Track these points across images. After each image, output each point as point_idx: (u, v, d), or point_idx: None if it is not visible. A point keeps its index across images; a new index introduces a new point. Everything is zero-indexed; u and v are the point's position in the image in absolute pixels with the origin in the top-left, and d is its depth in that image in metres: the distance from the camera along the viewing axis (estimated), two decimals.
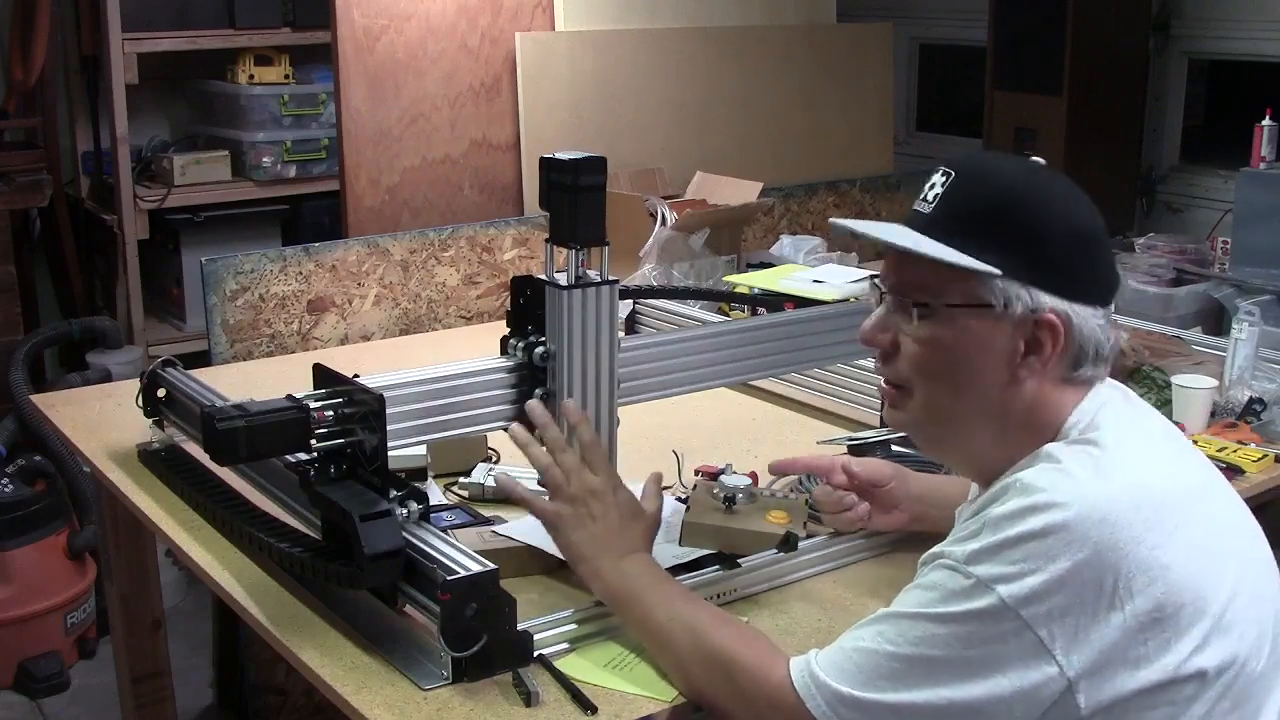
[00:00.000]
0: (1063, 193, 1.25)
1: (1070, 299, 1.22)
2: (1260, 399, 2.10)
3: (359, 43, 2.82)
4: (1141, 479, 1.17)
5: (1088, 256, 1.24)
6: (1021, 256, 1.21)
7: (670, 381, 1.76)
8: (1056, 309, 1.21)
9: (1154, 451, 1.24)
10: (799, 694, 1.21)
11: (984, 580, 1.13)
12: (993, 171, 1.26)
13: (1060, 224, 1.22)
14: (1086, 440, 1.21)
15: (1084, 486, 1.14)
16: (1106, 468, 1.17)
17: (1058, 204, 1.23)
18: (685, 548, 1.63)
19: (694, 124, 3.33)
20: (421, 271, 2.82)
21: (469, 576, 1.34)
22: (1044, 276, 1.21)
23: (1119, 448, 1.20)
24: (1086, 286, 1.23)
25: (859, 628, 1.22)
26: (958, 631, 1.13)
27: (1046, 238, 1.22)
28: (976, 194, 1.24)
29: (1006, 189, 1.23)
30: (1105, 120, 3.66)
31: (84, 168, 3.90)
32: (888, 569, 1.65)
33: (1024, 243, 1.21)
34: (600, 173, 1.56)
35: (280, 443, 1.49)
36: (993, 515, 1.16)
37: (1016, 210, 1.22)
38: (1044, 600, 1.11)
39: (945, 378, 1.27)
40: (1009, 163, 1.27)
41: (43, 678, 3.11)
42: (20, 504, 3.10)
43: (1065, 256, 1.22)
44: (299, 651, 1.43)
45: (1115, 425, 1.23)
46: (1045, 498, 1.14)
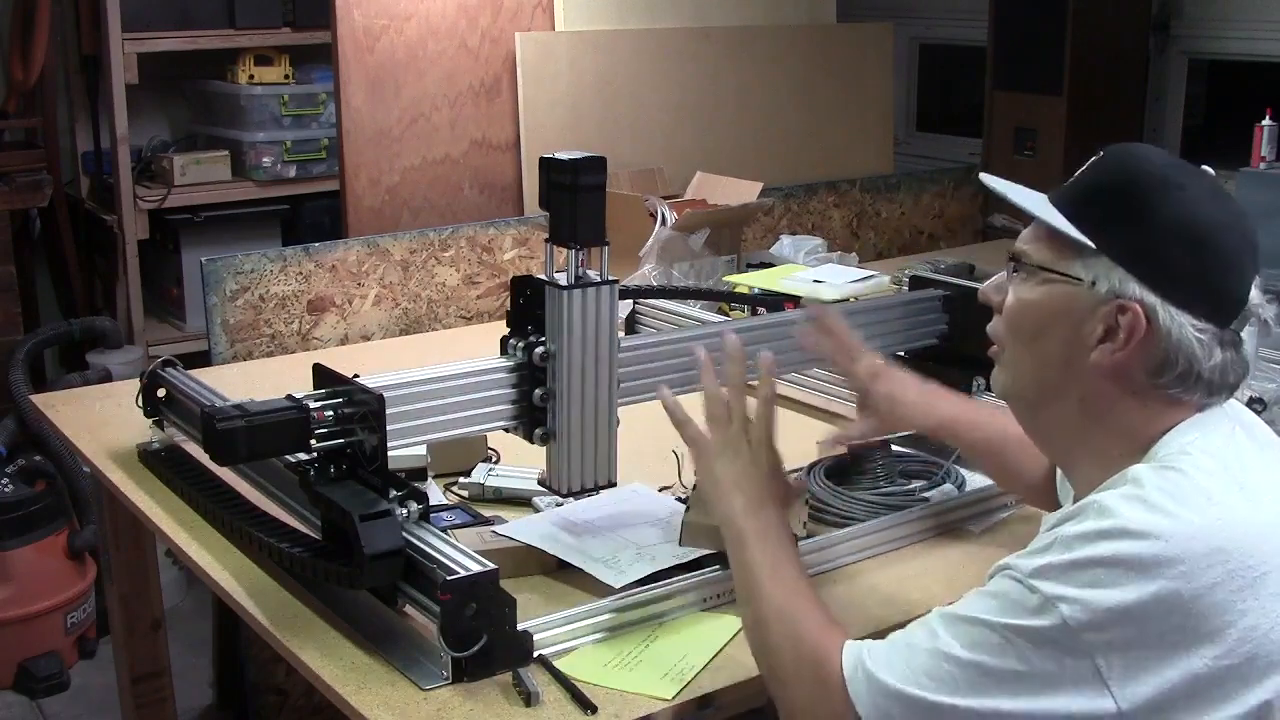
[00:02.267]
0: (1201, 196, 1.20)
1: (1165, 298, 1.18)
2: (1260, 399, 2.10)
3: (359, 43, 2.82)
4: (1229, 518, 1.12)
5: (1201, 261, 1.18)
6: (1122, 239, 1.19)
7: (670, 381, 1.75)
8: (1144, 301, 1.18)
9: (1255, 488, 1.17)
10: (845, 679, 1.20)
11: (1049, 597, 1.10)
12: (1135, 157, 1.24)
13: (1177, 220, 1.18)
14: (1174, 468, 1.16)
15: (1163, 521, 1.10)
16: (1190, 502, 1.12)
17: (1186, 202, 1.19)
18: (685, 548, 1.63)
19: (694, 124, 3.33)
20: (421, 271, 2.82)
21: (469, 576, 1.34)
22: (1140, 264, 1.18)
23: (1210, 479, 1.14)
24: (1190, 291, 1.18)
25: (917, 624, 1.20)
26: (1014, 644, 1.11)
27: (1155, 227, 1.19)
28: (1107, 173, 1.24)
29: (1136, 173, 1.22)
30: (1105, 120, 3.66)
31: (84, 168, 3.90)
32: (888, 568, 1.65)
33: (1129, 226, 1.19)
34: (600, 173, 1.56)
35: (280, 443, 1.49)
36: (1065, 533, 1.13)
37: (1132, 193, 1.20)
38: (1106, 629, 1.08)
39: (1025, 339, 1.27)
40: (1159, 155, 1.24)
41: (43, 678, 3.11)
42: (20, 504, 3.10)
43: (1171, 252, 1.18)
44: (299, 651, 1.43)
45: (1212, 455, 1.17)
46: (1119, 524, 1.10)
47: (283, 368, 2.48)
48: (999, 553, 1.25)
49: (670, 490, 1.86)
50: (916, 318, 2.07)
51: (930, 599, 1.56)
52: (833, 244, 3.22)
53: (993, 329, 1.33)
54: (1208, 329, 1.18)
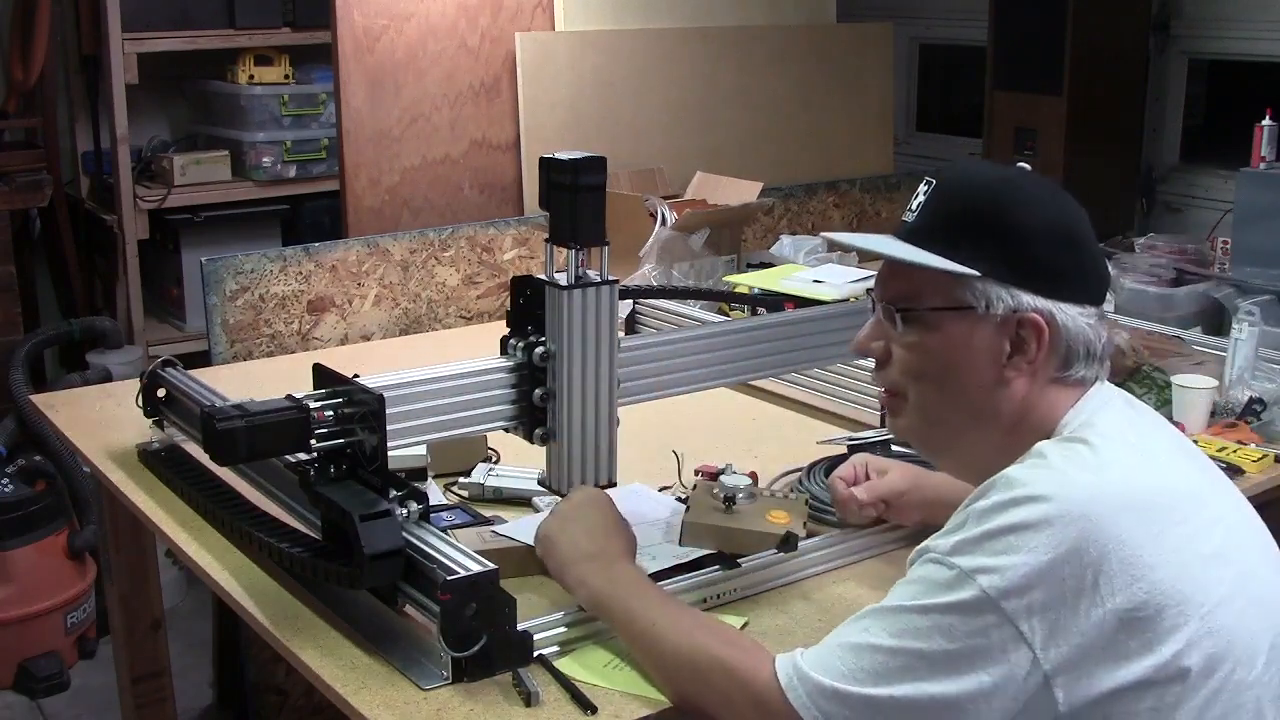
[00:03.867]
0: (1043, 195, 1.26)
1: (1054, 298, 1.23)
2: (1260, 399, 2.10)
3: (359, 43, 2.82)
4: (1129, 477, 1.18)
5: (1071, 255, 1.25)
6: (1000, 258, 1.23)
7: (670, 381, 1.76)
8: (1039, 308, 1.23)
9: (1147, 451, 1.24)
10: (782, 688, 1.21)
11: (966, 571, 1.14)
12: (972, 177, 1.30)
13: (1039, 224, 1.24)
14: (1077, 438, 1.22)
15: (1066, 481, 1.16)
16: (1092, 465, 1.18)
17: (1037, 205, 1.25)
18: (685, 548, 1.63)
19: (694, 124, 3.33)
20: (421, 271, 2.82)
21: (469, 576, 1.34)
22: (1024, 276, 1.23)
23: (1108, 446, 1.20)
24: (1071, 285, 1.25)
25: (846, 623, 1.23)
26: (940, 623, 1.14)
27: (1025, 238, 1.24)
28: (955, 200, 1.27)
29: (983, 192, 1.26)
30: (1105, 120, 3.66)
31: (84, 168, 3.90)
32: (889, 568, 1.65)
33: (1001, 244, 1.23)
34: (600, 173, 1.56)
35: (280, 443, 1.49)
36: (976, 508, 1.17)
37: (993, 212, 1.24)
38: (1024, 593, 1.11)
39: (933, 380, 1.29)
40: (989, 169, 1.32)
41: (43, 678, 3.11)
42: (20, 504, 3.10)
43: (1045, 256, 1.24)
44: (299, 651, 1.43)
45: (1109, 425, 1.24)
46: (1026, 491, 1.15)
47: (283, 368, 2.48)
48: None
49: (670, 490, 1.86)
50: None
51: None
52: (833, 244, 3.22)
53: (885, 379, 1.34)
54: (1093, 312, 1.26)
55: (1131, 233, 3.56)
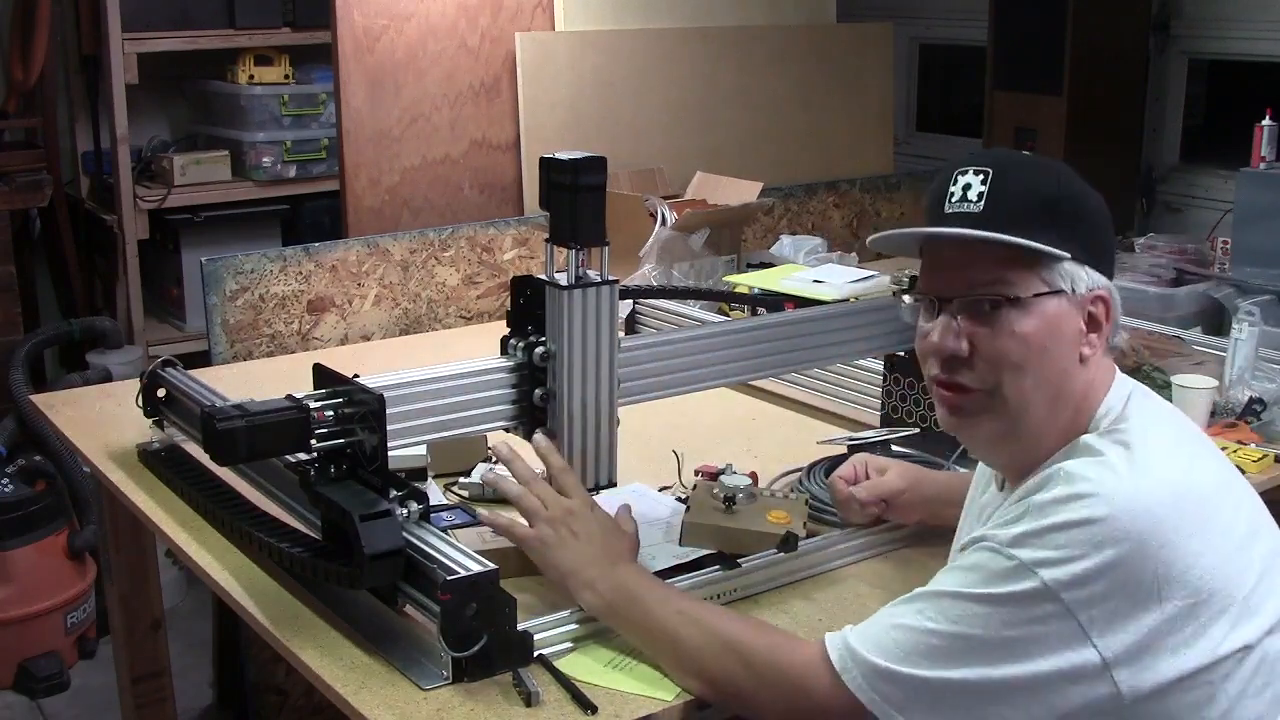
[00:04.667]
0: (1080, 179, 1.33)
1: (1109, 275, 1.31)
2: (1260, 399, 2.10)
3: (359, 43, 2.82)
4: (1175, 475, 1.22)
5: (1111, 235, 1.34)
6: (1078, 240, 1.27)
7: (670, 381, 1.76)
8: (1108, 285, 1.30)
9: (1180, 446, 1.28)
10: (835, 668, 1.22)
11: (1027, 564, 1.16)
12: (1028, 165, 1.33)
13: (1098, 205, 1.31)
14: (1118, 433, 1.26)
15: (1126, 481, 1.19)
16: (1142, 463, 1.21)
17: (1088, 189, 1.31)
18: (685, 548, 1.63)
19: (694, 124, 3.32)
20: (421, 271, 2.82)
21: (469, 576, 1.34)
22: (1095, 256, 1.29)
23: (1148, 443, 1.24)
24: (1112, 263, 1.33)
25: (896, 605, 1.24)
26: (998, 612, 1.16)
27: (1092, 220, 1.30)
28: (1024, 187, 1.28)
29: (1049, 177, 1.30)
30: (1105, 120, 3.66)
31: (84, 168, 3.90)
32: (889, 568, 1.65)
33: (1076, 227, 1.28)
34: (600, 173, 1.56)
35: (280, 443, 1.48)
36: (1037, 501, 1.19)
37: (1064, 197, 1.29)
38: (1085, 586, 1.14)
39: (1032, 368, 1.27)
40: (1030, 158, 1.35)
41: (43, 678, 3.11)
42: (20, 504, 3.10)
43: (1104, 236, 1.32)
44: (299, 651, 1.43)
45: (1141, 419, 1.28)
46: (1090, 487, 1.18)
47: (283, 368, 2.48)
48: None
49: (670, 490, 1.86)
50: None
51: None
52: (833, 244, 3.22)
53: (974, 378, 1.29)
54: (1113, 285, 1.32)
55: (1131, 233, 3.56)
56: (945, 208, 1.29)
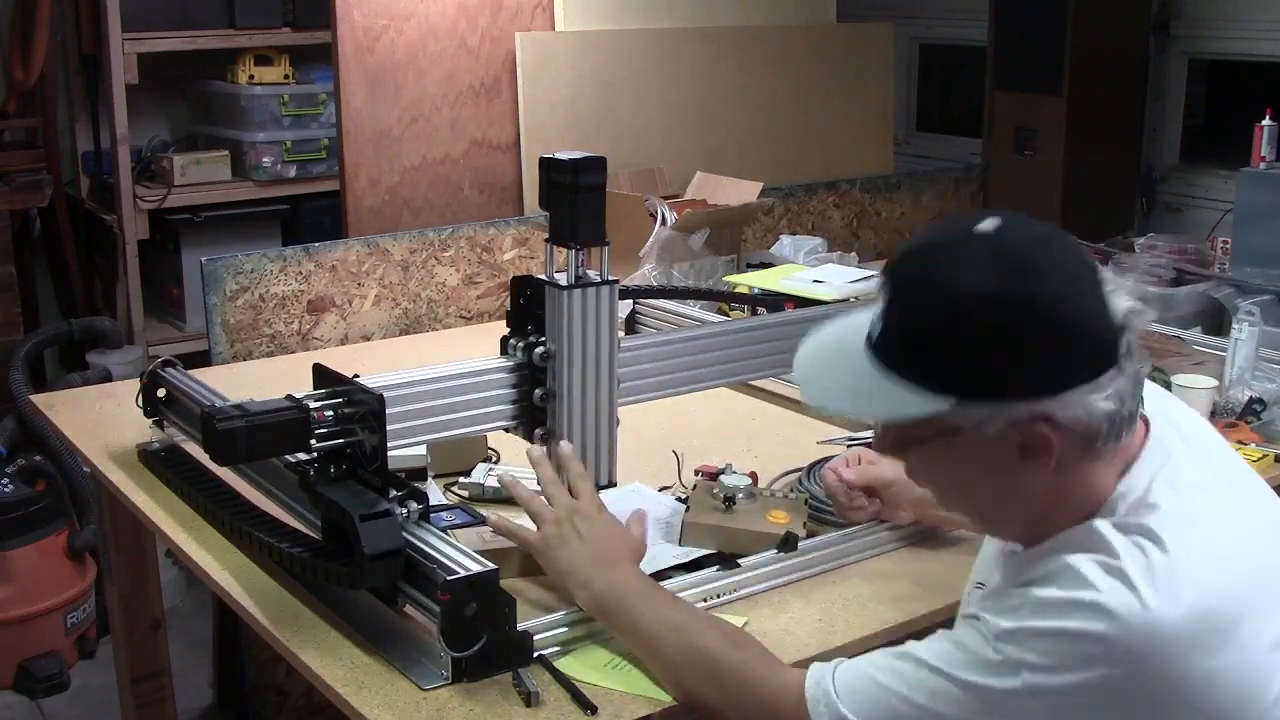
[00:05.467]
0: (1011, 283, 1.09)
1: (1050, 395, 1.10)
2: (1260, 399, 2.10)
3: (359, 43, 2.82)
4: (1200, 588, 1.09)
5: (1058, 342, 1.10)
6: (975, 376, 1.11)
7: (670, 381, 1.76)
8: (1036, 413, 1.11)
9: (1218, 541, 1.13)
10: (807, 701, 1.21)
11: (1012, 662, 1.10)
12: (931, 280, 1.13)
13: (1013, 327, 1.09)
14: (1141, 524, 1.12)
15: (1137, 597, 1.07)
16: (1162, 574, 1.08)
17: (1008, 301, 1.09)
18: (685, 547, 1.63)
19: (694, 124, 3.32)
20: (421, 271, 2.82)
21: (469, 576, 1.34)
22: (1007, 388, 1.11)
23: (1176, 542, 1.10)
24: (1067, 373, 1.11)
25: (886, 657, 1.20)
26: (974, 701, 1.12)
27: (999, 348, 1.10)
28: (916, 314, 1.13)
29: (945, 303, 1.11)
30: (1105, 120, 3.66)
31: (84, 168, 3.90)
32: (888, 568, 1.65)
33: (974, 362, 1.11)
34: (600, 173, 1.56)
35: (280, 443, 1.49)
36: (1036, 596, 1.11)
37: (959, 327, 1.10)
38: (1069, 698, 1.08)
39: (956, 496, 1.25)
40: (949, 260, 1.13)
41: (43, 678, 3.11)
42: (20, 504, 3.10)
43: (1027, 359, 1.10)
44: (299, 651, 1.43)
45: (1175, 504, 1.14)
46: (1093, 597, 1.08)
47: (283, 368, 2.48)
48: None
49: (670, 490, 1.86)
50: None
51: (929, 599, 1.56)
52: (833, 244, 3.22)
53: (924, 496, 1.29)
54: (1104, 382, 1.11)
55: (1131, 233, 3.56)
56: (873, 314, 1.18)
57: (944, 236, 1.17)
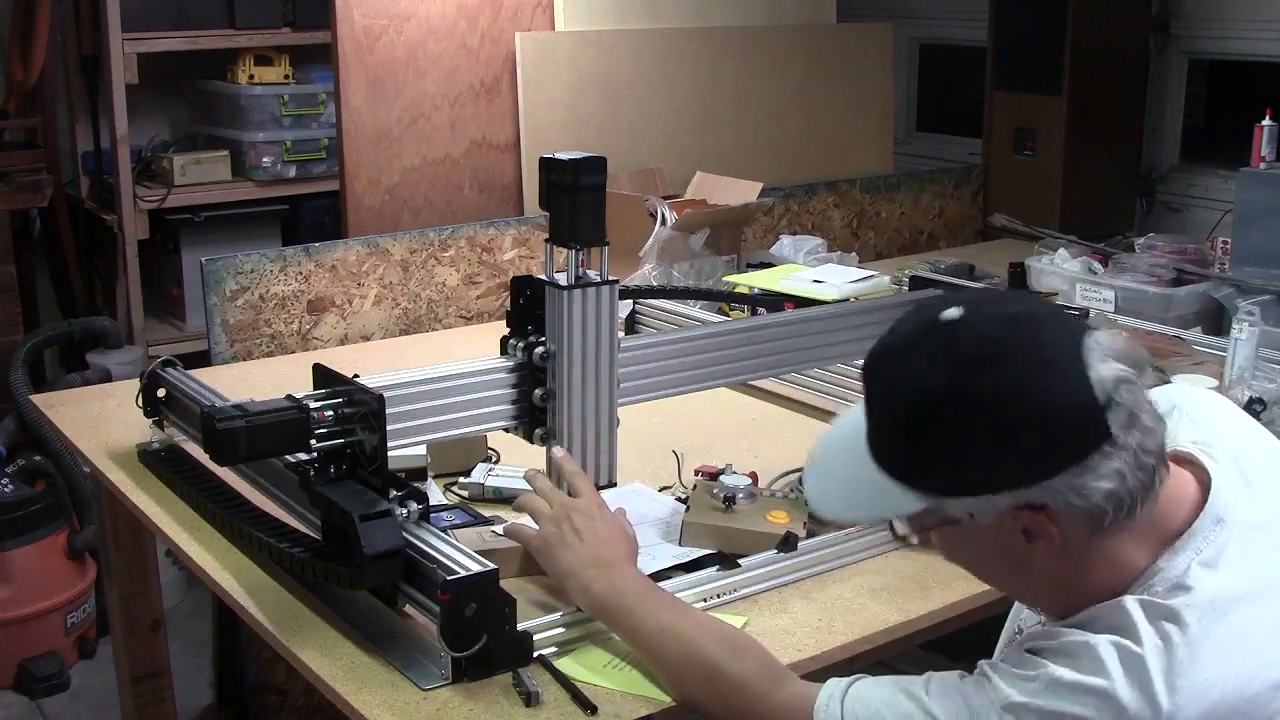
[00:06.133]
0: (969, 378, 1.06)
1: (1031, 484, 1.07)
2: (1260, 399, 2.10)
3: (359, 43, 2.82)
4: (1222, 687, 1.05)
5: (1025, 433, 1.06)
6: (949, 473, 1.09)
7: (670, 381, 1.76)
8: (1023, 502, 1.08)
9: (1260, 619, 1.10)
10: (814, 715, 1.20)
11: None
12: (892, 378, 1.12)
13: (976, 423, 1.06)
14: (1171, 614, 1.08)
15: (1153, 700, 1.04)
16: (1185, 675, 1.05)
17: (966, 396, 1.06)
18: (685, 547, 1.63)
19: (694, 124, 3.32)
20: (421, 271, 2.82)
21: (469, 576, 1.34)
22: (985, 482, 1.08)
23: (1207, 635, 1.07)
24: (1043, 461, 1.06)
25: (898, 694, 1.16)
26: None
27: (965, 445, 1.07)
28: (885, 413, 1.13)
29: (905, 403, 1.10)
30: (1105, 120, 3.66)
31: (84, 168, 3.90)
32: (888, 568, 1.65)
33: (944, 459, 1.09)
34: (600, 173, 1.56)
35: (280, 443, 1.49)
36: (1050, 674, 1.08)
37: (922, 426, 1.09)
38: None
39: (982, 576, 1.25)
40: (910, 357, 1.11)
41: (43, 678, 3.11)
42: (20, 504, 3.10)
43: (995, 453, 1.07)
44: (299, 651, 1.43)
45: (1211, 588, 1.10)
46: (1108, 686, 1.05)
47: (283, 368, 2.48)
48: None
49: (670, 490, 1.86)
50: None
51: (930, 599, 1.56)
52: (833, 244, 3.23)
53: None
54: (1094, 463, 1.06)
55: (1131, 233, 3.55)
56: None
57: (909, 329, 1.14)
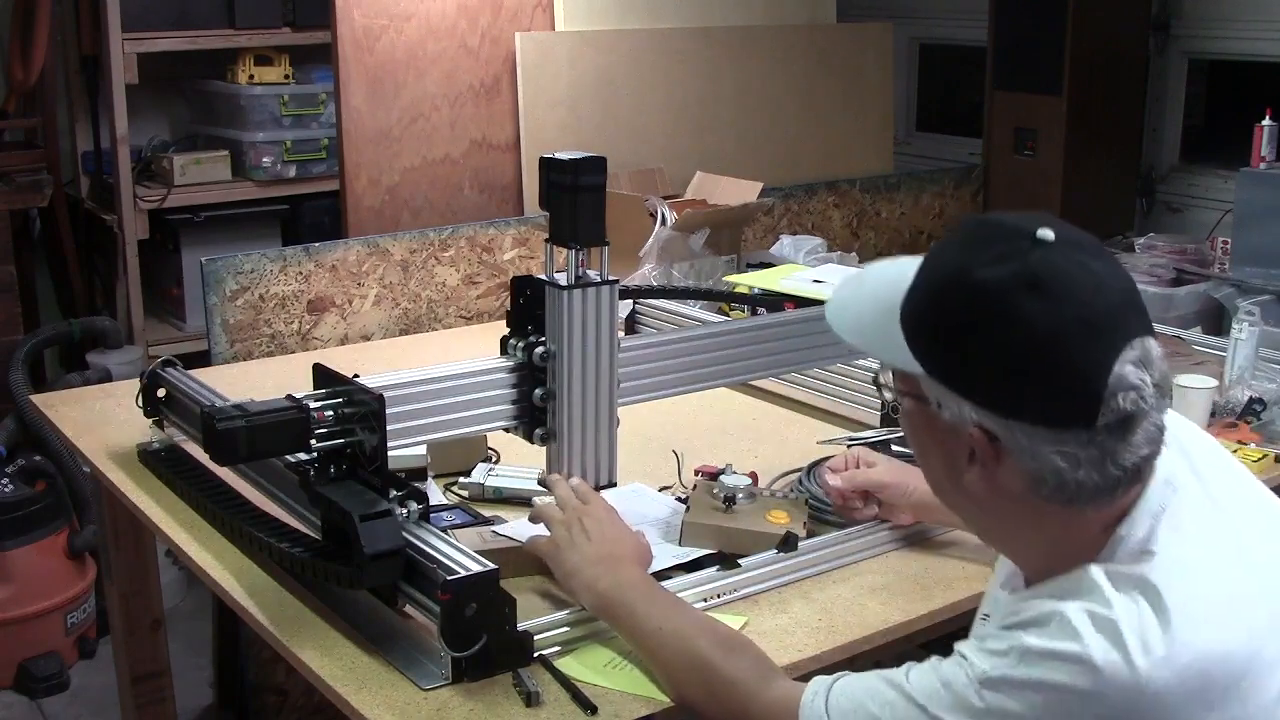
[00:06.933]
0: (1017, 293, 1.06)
1: (1001, 413, 1.08)
2: (1260, 399, 2.10)
3: (359, 43, 2.82)
4: (1195, 648, 1.04)
5: (1028, 368, 1.06)
6: (944, 358, 1.11)
7: (670, 381, 1.76)
8: (984, 425, 1.09)
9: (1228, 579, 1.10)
10: (800, 710, 1.20)
11: (994, 710, 1.07)
12: (957, 251, 1.13)
13: (996, 332, 1.07)
14: (1138, 580, 1.07)
15: (1125, 655, 1.03)
16: (1157, 637, 1.04)
17: (1005, 307, 1.06)
18: (685, 548, 1.63)
19: (694, 124, 3.32)
20: (421, 271, 2.82)
21: (469, 576, 1.34)
22: (967, 383, 1.09)
23: (1178, 596, 1.06)
24: (1022, 402, 1.07)
25: (881, 682, 1.16)
26: None
27: (974, 343, 1.08)
28: (929, 275, 1.14)
29: (952, 277, 1.11)
30: (1105, 120, 3.66)
31: (84, 168, 3.90)
32: (888, 568, 1.65)
33: (947, 343, 1.10)
34: (600, 173, 1.56)
35: (280, 443, 1.49)
36: (1023, 643, 1.07)
37: (953, 305, 1.10)
38: None
39: (918, 456, 1.23)
40: (986, 242, 1.11)
41: (43, 678, 3.11)
42: (20, 504, 3.10)
43: (993, 368, 1.08)
44: (299, 651, 1.43)
45: (1176, 551, 1.09)
46: (1081, 650, 1.04)
47: (283, 368, 2.48)
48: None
49: (670, 490, 1.86)
50: None
51: (930, 599, 1.56)
52: (833, 244, 3.22)
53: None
54: (1065, 438, 1.07)
55: (1131, 233, 3.56)
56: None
57: (1005, 221, 1.13)
